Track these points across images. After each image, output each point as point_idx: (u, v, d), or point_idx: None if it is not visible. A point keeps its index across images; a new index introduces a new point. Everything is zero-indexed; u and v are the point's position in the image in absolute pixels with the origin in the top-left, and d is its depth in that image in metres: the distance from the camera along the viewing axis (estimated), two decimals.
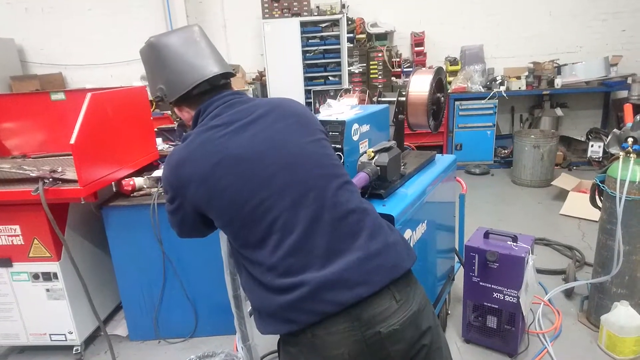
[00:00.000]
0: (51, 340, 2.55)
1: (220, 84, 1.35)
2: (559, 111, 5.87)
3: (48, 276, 2.41)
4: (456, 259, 2.79)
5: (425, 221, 2.06)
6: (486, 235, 2.39)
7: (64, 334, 2.52)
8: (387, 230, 1.23)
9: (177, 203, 1.27)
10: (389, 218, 1.66)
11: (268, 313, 1.16)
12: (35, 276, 2.42)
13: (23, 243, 2.35)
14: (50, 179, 2.15)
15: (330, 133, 1.69)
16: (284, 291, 1.12)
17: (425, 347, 1.18)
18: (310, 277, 1.11)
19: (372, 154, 1.75)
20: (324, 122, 1.71)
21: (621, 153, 2.32)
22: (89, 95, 2.22)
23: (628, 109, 2.75)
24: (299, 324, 1.11)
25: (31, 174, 2.22)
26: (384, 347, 1.12)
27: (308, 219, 1.14)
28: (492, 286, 2.31)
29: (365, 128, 1.85)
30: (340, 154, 1.69)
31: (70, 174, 2.20)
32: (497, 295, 2.31)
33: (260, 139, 1.21)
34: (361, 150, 1.83)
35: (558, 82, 5.59)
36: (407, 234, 1.82)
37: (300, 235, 1.13)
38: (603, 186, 2.43)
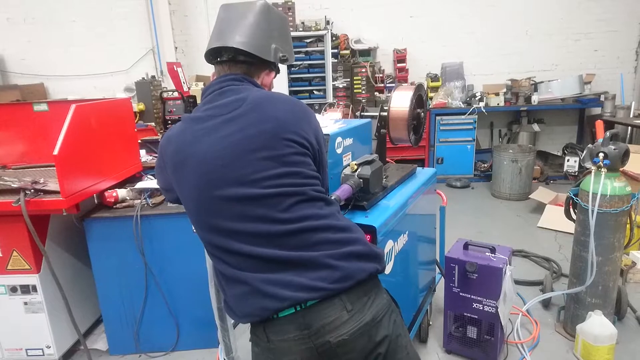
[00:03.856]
0: (27, 355, 2.49)
1: (234, 59, 1.32)
2: (536, 127, 6.05)
3: (27, 289, 2.36)
4: (437, 270, 2.83)
5: (407, 232, 2.11)
6: (466, 246, 2.44)
7: (42, 349, 2.47)
8: (346, 242, 1.21)
9: (160, 164, 1.36)
10: (371, 229, 1.70)
11: (226, 301, 1.24)
12: (13, 289, 2.37)
13: (1, 255, 2.31)
14: (32, 190, 2.13)
15: None
16: (232, 281, 1.19)
17: (380, 355, 1.19)
18: (255, 276, 1.16)
19: (355, 167, 1.79)
20: None
21: (593, 167, 2.42)
22: (73, 106, 2.22)
23: (599, 125, 2.89)
24: (251, 317, 1.17)
25: (12, 185, 2.19)
26: (336, 355, 1.15)
27: (256, 231, 1.16)
28: (472, 296, 2.36)
29: (349, 141, 1.90)
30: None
31: (53, 185, 2.19)
32: (476, 305, 2.36)
33: (228, 142, 1.19)
34: (344, 163, 1.87)
35: (535, 98, 5.78)
36: (389, 245, 1.86)
37: (248, 245, 1.16)
38: (577, 199, 2.53)
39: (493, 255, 2.34)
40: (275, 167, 1.19)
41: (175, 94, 3.97)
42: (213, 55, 1.36)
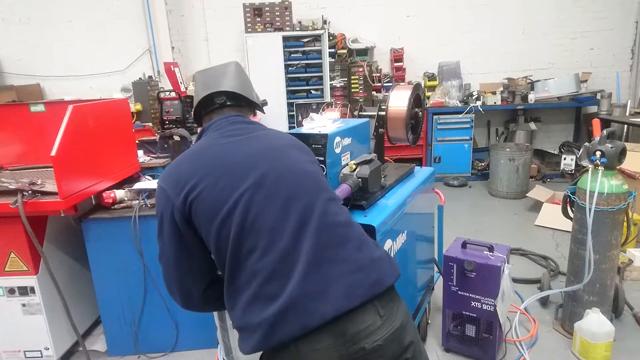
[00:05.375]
0: (25, 357, 2.48)
1: (225, 104, 1.46)
2: (532, 125, 6.07)
3: (24, 290, 2.35)
4: (435, 268, 2.84)
5: (405, 231, 2.11)
6: (464, 245, 2.45)
7: (40, 350, 2.46)
8: (373, 246, 1.27)
9: (166, 216, 1.26)
10: (371, 228, 1.70)
11: (251, 328, 1.15)
12: (11, 291, 2.36)
13: None
14: (30, 192, 2.13)
15: (313, 146, 1.73)
16: (268, 300, 1.13)
17: None
18: (292, 286, 1.12)
19: (354, 166, 1.80)
20: (307, 135, 1.77)
21: (590, 166, 2.43)
22: (70, 107, 2.21)
23: (596, 123, 2.90)
24: (282, 337, 1.11)
25: (10, 186, 2.18)
26: None
27: (296, 224, 1.17)
28: (470, 295, 2.37)
29: (347, 141, 1.90)
30: (323, 166, 1.73)
31: (50, 187, 2.18)
32: (475, 304, 2.37)
33: (258, 149, 1.30)
34: (343, 163, 1.87)
35: (531, 97, 5.80)
36: (388, 244, 1.86)
37: (288, 240, 1.16)
38: (574, 197, 2.54)
39: (491, 253, 2.35)
40: (310, 166, 1.33)
41: (173, 94, 3.96)
42: (204, 106, 1.48)
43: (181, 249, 1.29)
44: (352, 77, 6.00)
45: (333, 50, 6.02)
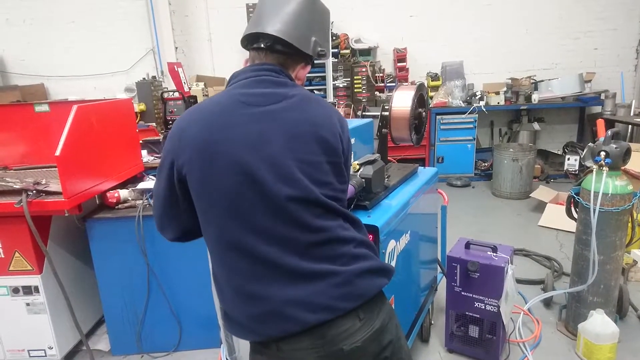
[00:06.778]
0: (30, 356, 2.49)
1: (272, 47, 1.24)
2: (536, 125, 6.05)
3: (29, 290, 2.36)
4: (439, 269, 2.84)
5: (409, 232, 2.11)
6: (467, 245, 2.45)
7: (44, 350, 2.47)
8: (365, 257, 1.21)
9: (167, 160, 1.19)
10: (374, 229, 1.70)
11: (236, 320, 1.19)
12: (15, 290, 2.37)
13: (3, 256, 2.31)
14: (34, 191, 2.13)
15: None
16: (249, 299, 1.14)
17: (387, 358, 1.22)
18: (276, 292, 1.12)
19: (357, 167, 1.80)
20: None
21: (594, 166, 2.42)
22: (75, 107, 2.21)
23: (600, 124, 2.89)
24: (263, 336, 1.15)
25: (14, 186, 2.19)
26: None
27: (284, 236, 1.13)
28: (474, 296, 2.36)
29: (351, 141, 1.89)
30: None
31: (55, 186, 2.19)
32: (478, 304, 2.36)
33: (265, 139, 1.14)
34: None
35: (535, 97, 5.78)
36: (391, 244, 1.86)
37: (272, 249, 1.12)
38: (578, 198, 2.53)
39: (494, 254, 2.35)
40: (310, 173, 1.16)
41: (176, 94, 3.96)
42: (250, 41, 1.27)
43: (171, 195, 1.22)
44: (355, 77, 6.00)
45: (336, 50, 6.02)
